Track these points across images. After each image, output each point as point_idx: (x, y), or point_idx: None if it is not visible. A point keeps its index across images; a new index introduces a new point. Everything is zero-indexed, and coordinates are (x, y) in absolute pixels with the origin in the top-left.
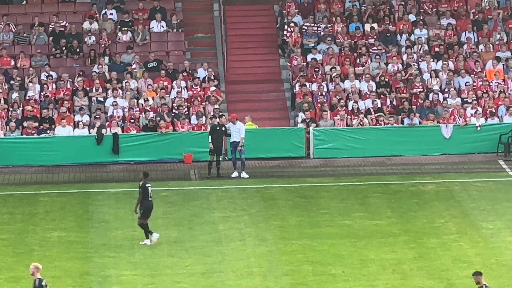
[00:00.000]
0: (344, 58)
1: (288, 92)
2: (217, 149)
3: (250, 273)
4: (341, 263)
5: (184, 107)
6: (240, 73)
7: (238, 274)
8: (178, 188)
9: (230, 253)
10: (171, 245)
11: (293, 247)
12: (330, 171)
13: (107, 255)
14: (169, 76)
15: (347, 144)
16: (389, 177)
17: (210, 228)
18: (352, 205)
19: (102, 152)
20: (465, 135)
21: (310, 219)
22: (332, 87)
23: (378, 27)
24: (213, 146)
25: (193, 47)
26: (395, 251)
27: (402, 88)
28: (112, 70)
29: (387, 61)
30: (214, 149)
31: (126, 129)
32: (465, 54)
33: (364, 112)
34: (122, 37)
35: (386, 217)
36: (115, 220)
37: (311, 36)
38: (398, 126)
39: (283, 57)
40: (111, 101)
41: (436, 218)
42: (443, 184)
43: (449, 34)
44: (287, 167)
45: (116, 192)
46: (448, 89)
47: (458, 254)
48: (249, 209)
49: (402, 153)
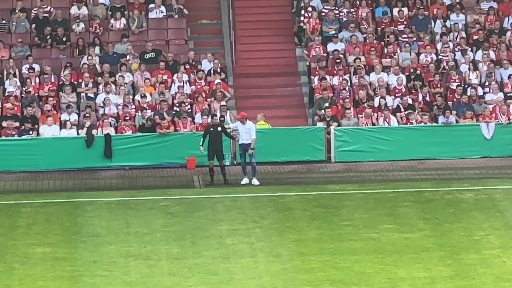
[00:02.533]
0: (369, 48)
1: (306, 87)
2: (215, 152)
3: None
4: (366, 283)
5: (187, 104)
6: (250, 65)
7: None
8: (180, 197)
9: (239, 271)
10: (172, 262)
11: (311, 264)
12: (354, 177)
13: (99, 273)
14: (169, 69)
15: (373, 146)
16: (422, 184)
17: (217, 242)
18: (379, 215)
19: (93, 156)
20: (509, 136)
21: (331, 232)
22: (356, 81)
23: (408, 12)
24: (209, 149)
25: (197, 35)
26: (428, 269)
27: (436, 81)
28: (104, 62)
29: (418, 51)
30: (210, 153)
31: (120, 130)
32: (508, 43)
33: (393, 109)
34: (115, 24)
35: (418, 230)
36: (108, 233)
37: (332, 22)
38: (432, 125)
39: (299, 46)
40: (103, 98)
41: (475, 230)
42: (483, 192)
43: (490, 20)
44: (305, 172)
45: (108, 202)
46: (489, 82)
47: (501, 271)
48: (261, 220)
49: (437, 156)
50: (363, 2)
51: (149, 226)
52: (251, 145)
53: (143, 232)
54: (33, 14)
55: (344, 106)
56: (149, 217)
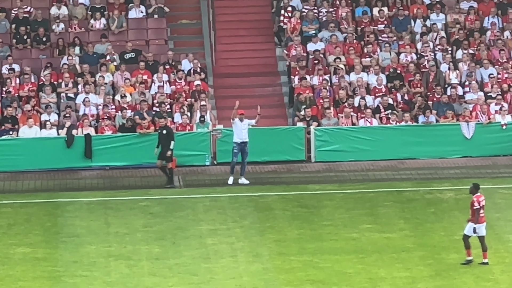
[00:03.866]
0: (349, 47)
1: (286, 87)
2: (162, 155)
3: None
4: (347, 282)
5: (167, 104)
6: (230, 65)
7: None
8: (160, 197)
9: (219, 271)
10: (153, 262)
11: (292, 264)
12: (334, 177)
13: (79, 274)
14: (149, 69)
15: (354, 145)
16: (402, 184)
17: (197, 242)
18: (359, 215)
19: (73, 156)
20: (489, 135)
21: (312, 231)
22: (336, 81)
23: (388, 11)
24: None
25: (177, 35)
26: (409, 268)
27: (417, 81)
28: (84, 62)
29: (398, 51)
30: (159, 155)
31: (100, 130)
32: (489, 42)
33: (373, 109)
34: (95, 24)
35: (398, 229)
36: (88, 234)
37: (312, 22)
38: (412, 125)
39: (279, 46)
40: (83, 98)
41: (456, 230)
42: (464, 191)
43: (470, 19)
44: (285, 172)
45: (88, 202)
46: (469, 82)
47: (482, 271)
48: (241, 220)
49: (417, 156)
50: (342, 1)
51: (130, 226)
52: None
53: (123, 232)
54: (13, 15)
55: (324, 106)
56: (130, 217)
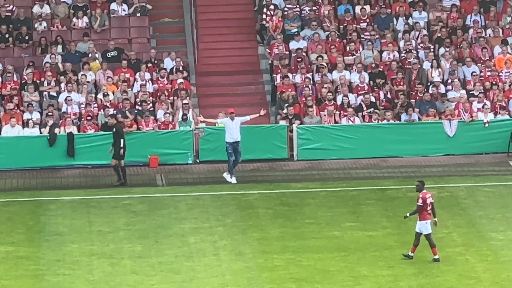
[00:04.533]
0: (331, 46)
1: (268, 85)
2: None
3: None
4: (329, 280)
5: (149, 103)
6: (212, 63)
7: None
8: (143, 196)
9: (202, 269)
10: (135, 261)
11: (274, 262)
12: (316, 175)
13: (62, 272)
14: (132, 67)
15: (336, 144)
16: (385, 182)
17: (180, 241)
18: (342, 213)
19: (55, 155)
20: (471, 133)
21: (294, 230)
22: (319, 79)
23: (371, 10)
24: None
25: (159, 33)
26: (391, 267)
27: (399, 79)
28: (66, 60)
29: (381, 49)
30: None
31: (82, 128)
32: (471, 40)
33: (355, 107)
34: (77, 23)
35: (381, 228)
36: (71, 232)
37: (294, 20)
38: (394, 123)
39: (262, 44)
40: (65, 96)
41: (438, 228)
42: (446, 189)
43: (453, 17)
44: (267, 170)
45: (71, 201)
46: (451, 80)
47: (464, 269)
48: (224, 219)
49: (399, 154)
50: (325, 0)
51: (112, 225)
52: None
53: (106, 231)
54: None
55: (307, 104)
56: (112, 215)
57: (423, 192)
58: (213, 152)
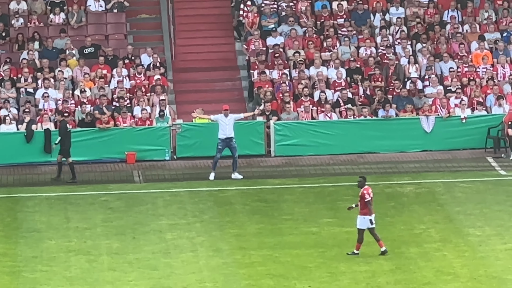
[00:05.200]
0: (309, 41)
1: (245, 81)
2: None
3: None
4: (307, 277)
5: (126, 99)
6: (189, 59)
7: None
8: (120, 192)
9: (179, 266)
10: (112, 257)
11: (252, 258)
12: (294, 171)
13: (39, 269)
14: (109, 64)
15: (313, 140)
16: None
17: (157, 237)
18: (319, 209)
19: (32, 151)
20: (449, 129)
21: (272, 226)
22: (296, 75)
23: (347, 5)
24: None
25: (136, 30)
26: (369, 263)
27: (377, 75)
28: (43, 57)
29: (358, 45)
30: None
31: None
32: (448, 36)
33: (333, 103)
34: (54, 19)
35: None
36: (48, 229)
37: (271, 16)
38: (372, 119)
39: (239, 40)
40: (42, 93)
41: (416, 224)
42: (423, 185)
43: (430, 13)
44: (245, 166)
45: (48, 197)
46: (428, 75)
47: (442, 265)
48: (201, 215)
49: (377, 150)
50: None
51: (89, 221)
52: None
53: (83, 227)
54: None
55: (284, 100)
56: (89, 212)
57: (365, 188)
58: (190, 149)
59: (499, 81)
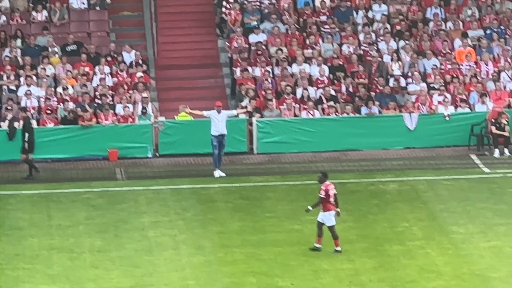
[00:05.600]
0: (291, 39)
1: (228, 78)
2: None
3: (186, 286)
4: (290, 274)
5: (108, 96)
6: (172, 56)
7: None
8: (102, 189)
9: (162, 263)
10: (95, 255)
11: (234, 256)
12: (276, 169)
13: (21, 266)
14: (91, 61)
15: (296, 137)
16: (345, 175)
17: (139, 235)
18: (302, 207)
19: (15, 149)
20: (432, 126)
21: (254, 224)
22: (278, 72)
23: (330, 3)
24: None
25: (119, 27)
26: (352, 260)
27: (361, 72)
28: (26, 54)
29: (341, 42)
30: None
31: (42, 122)
32: (431, 33)
33: (315, 100)
34: (36, 17)
35: (341, 221)
36: (30, 226)
37: (253, 13)
38: (355, 116)
39: (221, 38)
40: (25, 90)
41: (399, 221)
42: (407, 183)
43: (413, 10)
44: (227, 164)
45: (31, 195)
46: (411, 73)
47: (425, 263)
48: (183, 213)
49: (360, 147)
50: None
51: (72, 219)
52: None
53: (65, 225)
54: None
55: (267, 97)
56: (72, 209)
57: (326, 184)
58: (172, 146)
59: (482, 78)
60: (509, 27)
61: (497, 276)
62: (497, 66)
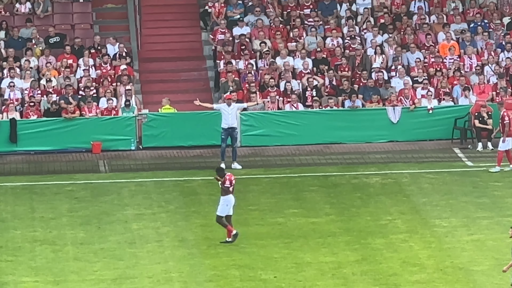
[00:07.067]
0: (275, 32)
1: (212, 71)
2: None
3: (169, 279)
4: (273, 267)
5: (92, 89)
6: (156, 49)
7: (154, 280)
8: (86, 182)
9: (145, 256)
10: (78, 247)
11: (217, 249)
12: (259, 162)
13: (4, 259)
14: (75, 53)
15: (279, 130)
16: (328, 168)
17: (122, 227)
18: (285, 200)
19: None
20: (415, 120)
21: (237, 216)
22: (262, 65)
23: None
24: None
25: (102, 19)
26: (335, 253)
27: (344, 65)
28: (9, 46)
29: (325, 35)
30: None
31: (25, 114)
32: (415, 26)
33: (299, 93)
34: (20, 8)
35: (324, 214)
36: (13, 219)
37: (237, 6)
38: (338, 109)
39: (205, 30)
40: (8, 82)
41: (382, 215)
42: (390, 176)
43: (397, 3)
44: (210, 157)
45: (14, 187)
46: (395, 66)
47: (408, 256)
48: (166, 205)
49: (343, 141)
50: None
51: (55, 211)
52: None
53: (48, 217)
54: None
55: (250, 90)
56: (55, 202)
57: (228, 175)
58: (156, 138)
59: (466, 72)
60: (492, 20)
61: (479, 269)
62: (481, 59)
